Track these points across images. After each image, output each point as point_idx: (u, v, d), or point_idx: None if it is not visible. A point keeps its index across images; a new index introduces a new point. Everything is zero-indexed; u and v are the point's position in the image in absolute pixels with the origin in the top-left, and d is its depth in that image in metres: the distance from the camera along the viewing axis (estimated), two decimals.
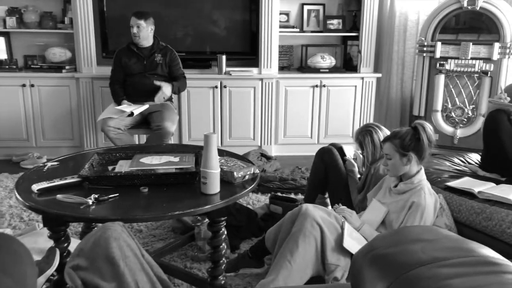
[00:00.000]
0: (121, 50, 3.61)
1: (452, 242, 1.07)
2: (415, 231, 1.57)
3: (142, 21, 3.45)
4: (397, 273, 0.89)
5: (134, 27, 3.46)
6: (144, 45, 3.55)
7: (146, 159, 2.16)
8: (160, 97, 3.44)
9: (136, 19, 3.46)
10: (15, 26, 3.98)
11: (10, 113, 3.97)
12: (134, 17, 3.47)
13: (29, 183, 1.93)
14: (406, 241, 1.40)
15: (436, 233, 1.37)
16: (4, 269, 0.77)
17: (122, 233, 1.34)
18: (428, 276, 0.76)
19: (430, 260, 0.81)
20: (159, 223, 2.75)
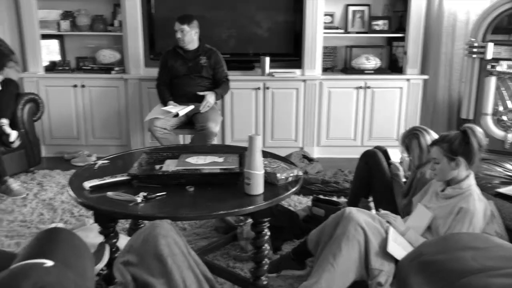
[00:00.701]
0: (168, 53, 3.70)
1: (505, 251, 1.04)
2: (464, 238, 1.53)
3: (185, 26, 3.52)
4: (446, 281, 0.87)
5: (178, 31, 3.54)
6: (189, 48, 3.62)
7: (191, 159, 2.21)
8: (204, 106, 3.51)
9: (180, 24, 3.53)
10: (68, 29, 4.16)
11: (62, 113, 4.16)
12: (177, 22, 3.54)
13: (81, 180, 2.02)
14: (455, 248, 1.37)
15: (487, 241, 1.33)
16: (67, 262, 0.82)
17: (170, 231, 1.37)
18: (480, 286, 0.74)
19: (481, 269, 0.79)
20: (203, 222, 2.81)
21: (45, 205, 3.09)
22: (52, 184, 3.46)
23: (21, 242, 2.53)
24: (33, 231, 2.73)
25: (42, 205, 3.09)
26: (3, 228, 2.76)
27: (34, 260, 0.73)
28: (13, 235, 2.67)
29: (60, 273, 0.71)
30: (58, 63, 4.25)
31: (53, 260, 0.72)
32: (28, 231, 2.72)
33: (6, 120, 3.38)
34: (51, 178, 3.60)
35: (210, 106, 3.56)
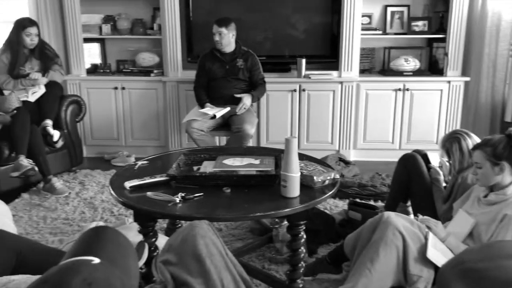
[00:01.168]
0: (205, 55, 3.75)
1: None
2: (509, 246, 1.48)
3: (223, 29, 3.56)
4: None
5: (216, 34, 3.58)
6: (227, 50, 3.66)
7: (228, 161, 2.23)
8: (241, 108, 3.54)
9: (218, 26, 3.57)
10: (109, 32, 4.29)
11: (103, 114, 4.29)
12: (215, 25, 3.58)
13: (122, 180, 2.07)
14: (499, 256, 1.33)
15: None
16: (113, 260, 0.85)
17: (208, 232, 1.39)
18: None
19: None
20: (238, 223, 2.83)
21: (86, 204, 3.20)
22: (93, 184, 3.57)
23: (63, 239, 2.62)
24: (75, 228, 2.82)
25: (84, 204, 3.20)
26: (47, 225, 2.87)
27: (82, 257, 0.76)
28: (56, 232, 2.77)
29: (107, 270, 0.73)
30: (99, 66, 4.38)
31: (100, 258, 0.75)
32: (70, 229, 2.82)
33: (50, 121, 3.51)
34: (92, 177, 3.71)
35: (247, 108, 3.59)
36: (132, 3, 4.32)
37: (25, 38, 3.58)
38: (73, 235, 2.63)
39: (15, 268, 1.40)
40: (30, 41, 3.60)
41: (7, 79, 3.62)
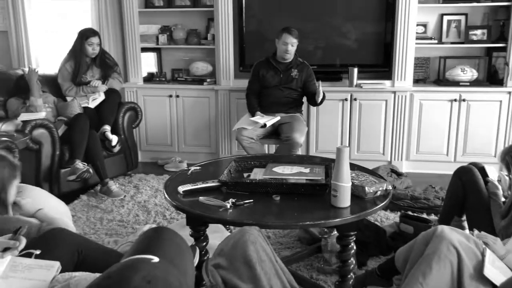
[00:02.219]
0: (260, 63, 3.79)
1: None
2: None
3: (296, 40, 3.59)
4: None
5: (288, 44, 3.59)
6: (287, 60, 3.69)
7: (278, 169, 2.25)
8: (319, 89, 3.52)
9: (292, 37, 3.58)
10: (165, 42, 4.45)
11: (158, 121, 4.44)
12: (289, 35, 3.58)
13: (176, 185, 2.14)
14: None
15: None
16: (171, 260, 0.89)
17: (259, 238, 1.41)
18: None
19: None
20: (286, 231, 2.83)
21: (140, 207, 3.31)
22: (147, 188, 3.70)
23: (118, 240, 2.72)
24: (129, 230, 2.93)
25: (138, 207, 3.32)
26: (103, 226, 3.00)
27: (142, 256, 0.80)
28: (112, 233, 2.89)
29: (166, 269, 0.77)
30: (155, 74, 4.55)
31: (159, 257, 0.79)
32: (124, 231, 2.93)
33: (108, 127, 3.68)
34: (146, 181, 3.84)
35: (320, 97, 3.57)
36: (188, 14, 4.46)
37: (87, 47, 3.78)
38: (127, 237, 2.73)
39: (76, 266, 1.48)
40: (92, 50, 3.80)
41: (70, 86, 3.83)
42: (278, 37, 3.65)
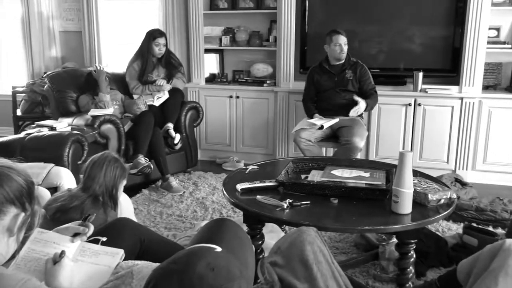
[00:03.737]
0: (314, 68, 3.78)
1: None
2: None
3: (346, 39, 3.60)
4: None
5: (341, 45, 3.58)
6: (342, 60, 3.65)
7: (337, 172, 2.22)
8: (355, 110, 3.50)
9: (344, 37, 3.58)
10: (228, 44, 4.53)
11: (218, 121, 4.52)
12: (341, 35, 3.58)
13: (234, 183, 2.18)
14: None
15: None
16: (232, 250, 0.91)
17: (316, 239, 1.40)
18: None
19: None
20: (343, 236, 2.79)
21: (198, 203, 3.39)
22: (205, 185, 3.78)
23: (177, 234, 2.80)
24: (187, 225, 3.01)
25: (196, 203, 3.40)
26: (163, 220, 3.11)
27: (206, 244, 0.82)
28: (171, 227, 2.98)
29: (228, 258, 0.79)
30: (217, 75, 4.64)
31: (221, 247, 0.81)
32: (183, 225, 3.01)
33: (171, 124, 3.80)
34: (205, 179, 3.93)
35: (360, 113, 3.53)
36: (251, 16, 4.52)
37: (154, 47, 3.93)
38: (185, 231, 2.81)
39: (138, 255, 1.54)
40: (158, 50, 3.94)
41: (137, 85, 4.00)
42: (328, 41, 3.63)
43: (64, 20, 5.07)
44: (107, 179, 1.96)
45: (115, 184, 1.99)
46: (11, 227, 1.05)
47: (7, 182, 1.02)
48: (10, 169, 1.05)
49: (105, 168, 1.97)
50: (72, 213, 1.85)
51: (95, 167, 1.97)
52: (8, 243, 1.06)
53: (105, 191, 1.97)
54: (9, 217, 1.04)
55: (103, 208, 1.94)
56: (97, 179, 1.95)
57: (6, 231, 1.04)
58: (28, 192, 1.07)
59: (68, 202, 1.89)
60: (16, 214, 1.05)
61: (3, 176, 1.03)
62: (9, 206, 1.03)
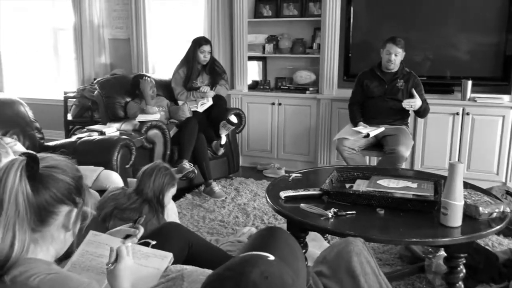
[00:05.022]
0: (364, 73, 3.72)
1: None
2: None
3: (400, 50, 3.48)
4: None
5: (392, 54, 3.49)
6: (392, 70, 3.58)
7: (383, 181, 2.19)
8: (409, 103, 3.41)
9: (396, 47, 3.47)
10: (271, 51, 4.56)
11: (259, 127, 4.55)
12: (392, 45, 3.48)
13: (277, 190, 2.18)
14: None
15: None
16: (284, 259, 0.92)
17: (363, 250, 1.39)
18: None
19: None
20: (387, 247, 2.73)
21: (240, 209, 3.42)
22: (246, 191, 3.80)
23: (219, 239, 2.84)
24: (229, 231, 3.04)
25: (238, 209, 3.43)
26: (205, 224, 3.15)
27: (259, 252, 0.83)
28: (213, 232, 3.02)
29: (281, 267, 0.79)
30: (259, 82, 4.67)
31: (273, 255, 0.82)
32: (225, 231, 3.04)
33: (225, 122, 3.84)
34: (246, 185, 3.96)
35: (414, 108, 3.44)
36: (295, 24, 4.53)
37: (199, 55, 4.01)
38: (227, 237, 2.84)
39: (186, 259, 1.57)
40: (203, 57, 4.02)
41: (182, 91, 4.08)
42: (383, 46, 3.56)
43: (113, 29, 5.26)
44: (155, 184, 2.12)
45: (163, 190, 2.13)
46: (66, 223, 1.08)
47: (53, 184, 1.04)
48: (54, 168, 1.05)
49: (155, 174, 2.13)
50: (129, 213, 2.02)
51: (147, 173, 2.15)
52: (65, 239, 1.10)
53: (153, 196, 2.11)
54: (62, 215, 1.07)
55: (157, 214, 2.09)
56: (147, 184, 2.11)
57: (62, 227, 1.08)
58: (76, 187, 1.08)
59: (125, 202, 2.08)
60: (68, 211, 1.08)
61: (48, 177, 1.04)
62: (59, 206, 1.05)
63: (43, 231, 1.05)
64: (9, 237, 0.98)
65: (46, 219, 1.04)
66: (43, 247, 1.07)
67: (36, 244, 1.05)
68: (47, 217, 1.04)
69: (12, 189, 0.98)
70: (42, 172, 1.03)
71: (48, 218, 1.05)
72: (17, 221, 0.99)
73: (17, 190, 0.98)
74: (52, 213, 1.05)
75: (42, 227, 1.05)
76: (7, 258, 0.98)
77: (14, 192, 0.98)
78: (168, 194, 2.19)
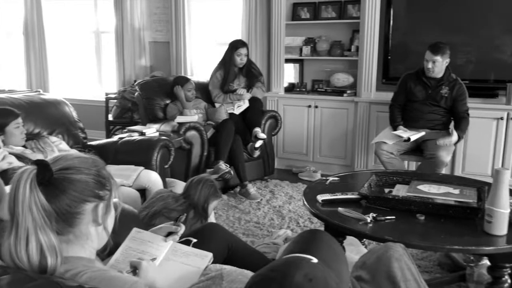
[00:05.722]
0: (409, 75, 3.63)
1: None
2: None
3: (438, 57, 3.37)
4: None
5: (429, 62, 3.40)
6: (436, 76, 3.49)
7: (423, 187, 2.15)
8: (445, 141, 3.32)
9: (432, 54, 3.37)
10: (308, 54, 4.54)
11: (295, 130, 4.54)
12: (430, 52, 3.39)
13: (314, 193, 2.18)
14: None
15: None
16: (327, 262, 0.92)
17: (404, 255, 1.37)
18: None
19: None
20: (426, 254, 2.67)
21: (275, 212, 3.42)
22: (282, 194, 3.80)
23: (255, 241, 2.85)
24: (264, 233, 3.04)
25: (273, 211, 3.43)
26: (241, 226, 3.17)
27: (303, 255, 0.84)
28: (248, 234, 3.03)
29: (325, 270, 0.79)
30: (296, 84, 4.67)
31: (317, 258, 0.82)
32: (260, 232, 3.05)
33: (259, 128, 3.83)
34: (281, 188, 3.96)
35: (449, 145, 3.35)
36: (333, 26, 4.50)
37: (236, 57, 4.04)
38: (263, 239, 2.84)
39: (225, 260, 1.59)
40: (240, 60, 4.05)
41: (219, 93, 4.13)
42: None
43: (154, 31, 5.38)
44: (202, 193, 2.32)
45: (208, 200, 2.33)
46: (95, 218, 1.07)
47: (70, 186, 1.02)
48: (68, 170, 1.03)
49: (202, 184, 2.35)
50: (176, 214, 2.14)
51: (195, 182, 2.37)
52: (97, 233, 1.09)
53: (199, 203, 2.29)
54: (89, 212, 1.06)
55: (200, 220, 2.25)
56: (195, 191, 2.32)
57: (92, 223, 1.07)
58: (97, 181, 1.06)
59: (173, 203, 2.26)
60: (94, 207, 1.06)
61: (63, 181, 1.02)
62: (82, 205, 1.04)
63: (73, 231, 1.05)
64: (35, 247, 0.98)
65: (72, 220, 1.04)
66: (78, 245, 1.07)
67: (71, 244, 1.06)
68: (73, 219, 1.04)
69: (24, 202, 0.97)
70: (56, 177, 1.01)
71: (74, 219, 1.04)
72: (39, 231, 0.98)
73: (30, 201, 0.97)
74: (77, 214, 1.04)
75: (71, 228, 1.05)
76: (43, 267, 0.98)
77: (26, 204, 0.97)
78: (211, 204, 2.36)
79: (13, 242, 0.97)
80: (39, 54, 5.88)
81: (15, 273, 0.95)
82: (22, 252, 0.97)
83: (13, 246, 0.97)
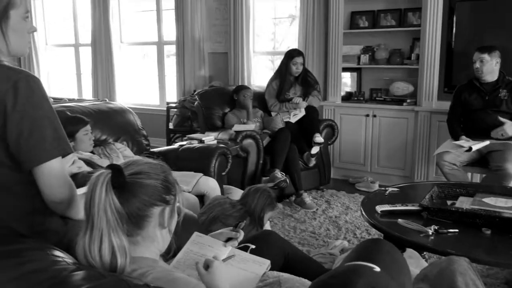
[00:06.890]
0: (462, 86, 3.53)
1: None
2: None
3: (485, 55, 3.28)
4: None
5: (477, 61, 3.33)
6: (488, 80, 3.36)
7: (489, 200, 2.06)
8: (498, 132, 3.19)
9: (480, 53, 3.32)
10: (367, 62, 4.48)
11: (352, 140, 4.48)
12: (477, 52, 3.35)
13: (373, 204, 2.14)
14: None
15: None
16: (390, 272, 0.91)
17: (468, 270, 1.32)
18: None
19: None
20: (492, 271, 2.53)
21: (331, 222, 3.39)
22: (338, 204, 3.76)
23: (310, 251, 2.83)
24: (320, 243, 3.02)
25: (329, 221, 3.40)
26: (296, 235, 3.17)
27: (364, 263, 0.83)
28: (304, 243, 3.02)
29: (387, 279, 0.79)
30: (353, 93, 4.61)
31: (379, 267, 0.81)
32: (316, 242, 3.03)
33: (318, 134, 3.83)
34: (337, 198, 3.91)
35: (505, 136, 3.21)
36: (392, 34, 4.41)
37: (292, 66, 4.07)
38: (319, 249, 2.82)
39: (282, 267, 1.61)
40: (295, 69, 4.07)
41: (275, 102, 4.17)
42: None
43: (213, 43, 5.52)
44: (259, 202, 2.39)
45: (264, 209, 2.39)
46: (161, 222, 1.13)
47: (141, 190, 1.08)
48: (139, 175, 1.10)
49: (260, 193, 2.42)
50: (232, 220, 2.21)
51: (253, 191, 2.45)
52: (162, 236, 1.16)
53: (255, 211, 2.35)
54: (156, 216, 1.12)
55: (256, 228, 2.31)
56: (252, 199, 2.39)
57: (158, 226, 1.14)
58: (164, 186, 1.12)
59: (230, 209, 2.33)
60: (161, 210, 1.13)
61: (135, 185, 1.08)
62: (151, 209, 1.10)
63: (141, 233, 1.12)
64: (107, 248, 1.05)
65: (141, 223, 1.11)
66: (145, 246, 1.14)
67: (138, 245, 1.13)
68: (142, 222, 1.10)
69: (100, 204, 1.04)
70: (128, 181, 1.08)
71: (143, 222, 1.11)
72: (111, 233, 1.05)
73: (105, 204, 1.04)
74: (146, 217, 1.10)
75: (140, 230, 1.12)
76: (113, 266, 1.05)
77: (102, 206, 1.04)
78: (267, 214, 2.42)
79: (88, 241, 1.05)
80: (106, 64, 6.20)
81: (88, 270, 1.02)
82: (96, 252, 1.04)
83: (87, 246, 1.04)
